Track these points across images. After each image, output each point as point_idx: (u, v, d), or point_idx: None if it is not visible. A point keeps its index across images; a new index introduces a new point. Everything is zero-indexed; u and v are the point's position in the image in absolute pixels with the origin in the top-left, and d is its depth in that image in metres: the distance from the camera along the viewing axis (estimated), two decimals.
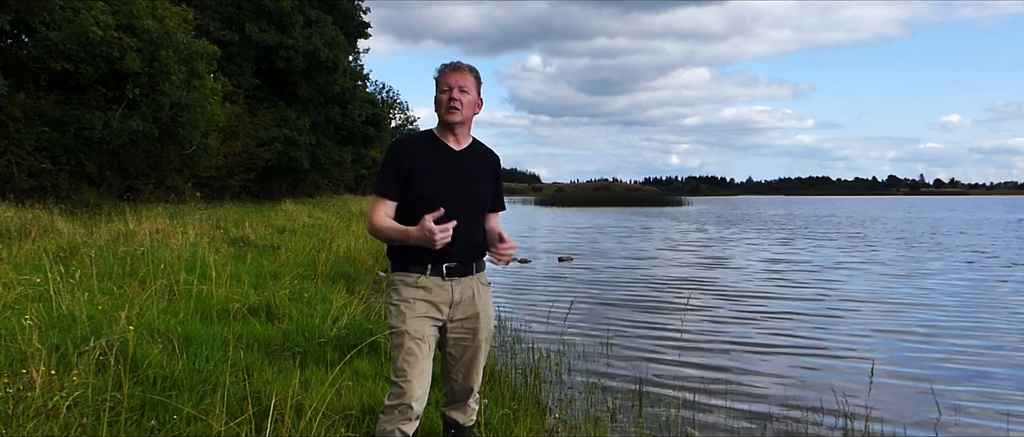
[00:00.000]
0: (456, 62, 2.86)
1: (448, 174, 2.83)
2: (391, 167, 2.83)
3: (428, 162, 2.82)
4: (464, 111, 2.82)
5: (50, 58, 13.09)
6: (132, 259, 7.47)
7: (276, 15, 26.13)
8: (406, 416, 2.73)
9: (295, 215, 19.16)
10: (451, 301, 2.85)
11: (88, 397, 3.29)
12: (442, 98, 2.81)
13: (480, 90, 2.90)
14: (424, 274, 2.80)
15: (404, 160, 2.82)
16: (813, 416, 4.81)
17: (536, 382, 5.09)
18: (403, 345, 2.75)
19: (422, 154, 2.84)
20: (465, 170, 2.87)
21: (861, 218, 41.68)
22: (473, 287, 2.90)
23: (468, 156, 2.91)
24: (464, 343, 2.94)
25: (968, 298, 10.29)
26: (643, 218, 41.49)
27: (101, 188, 15.90)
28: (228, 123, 20.35)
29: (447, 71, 2.83)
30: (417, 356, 2.74)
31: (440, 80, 2.84)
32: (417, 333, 2.76)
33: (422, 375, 2.76)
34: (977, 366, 6.35)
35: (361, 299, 6.92)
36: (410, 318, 2.77)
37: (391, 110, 43.63)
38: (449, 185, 2.81)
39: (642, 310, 9.14)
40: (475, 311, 2.91)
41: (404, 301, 2.80)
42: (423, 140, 2.91)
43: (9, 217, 10.09)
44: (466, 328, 2.92)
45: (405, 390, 2.72)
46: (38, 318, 4.47)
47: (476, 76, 2.86)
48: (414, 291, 2.80)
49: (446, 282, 2.82)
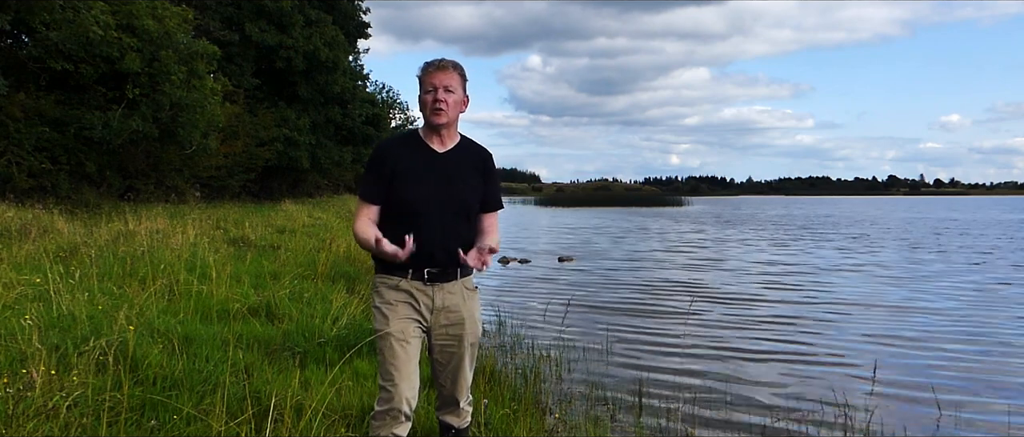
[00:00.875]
0: (440, 60, 2.77)
1: (429, 177, 2.76)
2: (373, 171, 2.80)
3: (409, 165, 2.77)
4: (450, 112, 2.74)
5: (50, 58, 13.07)
6: (132, 259, 7.47)
7: (276, 15, 26.12)
8: (397, 420, 2.70)
9: (295, 215, 19.16)
10: (433, 306, 2.79)
11: (88, 397, 3.28)
12: (427, 99, 2.74)
13: (466, 87, 2.81)
14: (405, 278, 2.76)
15: (386, 163, 2.77)
16: (813, 416, 4.81)
17: (536, 382, 5.09)
18: (388, 348, 2.71)
19: (404, 156, 2.78)
20: (448, 173, 2.79)
21: (861, 219, 41.66)
22: (457, 293, 2.83)
23: (452, 157, 2.83)
24: (450, 349, 2.88)
25: (969, 300, 10.29)
26: (643, 218, 41.48)
27: (101, 188, 15.89)
28: (228, 123, 20.31)
29: (431, 70, 2.74)
30: (403, 358, 2.71)
31: (424, 80, 2.75)
32: (401, 335, 2.72)
33: (410, 377, 2.71)
34: (977, 366, 6.34)
35: (361, 299, 6.91)
36: (393, 320, 2.73)
37: (391, 110, 43.58)
38: (429, 188, 2.75)
39: (642, 310, 9.13)
40: (461, 318, 2.84)
41: (386, 303, 2.76)
42: (406, 142, 2.84)
43: (9, 217, 10.08)
44: (451, 335, 2.86)
45: (393, 394, 2.68)
46: (38, 318, 4.47)
47: (461, 73, 2.77)
48: (396, 294, 2.77)
49: (427, 287, 2.77)
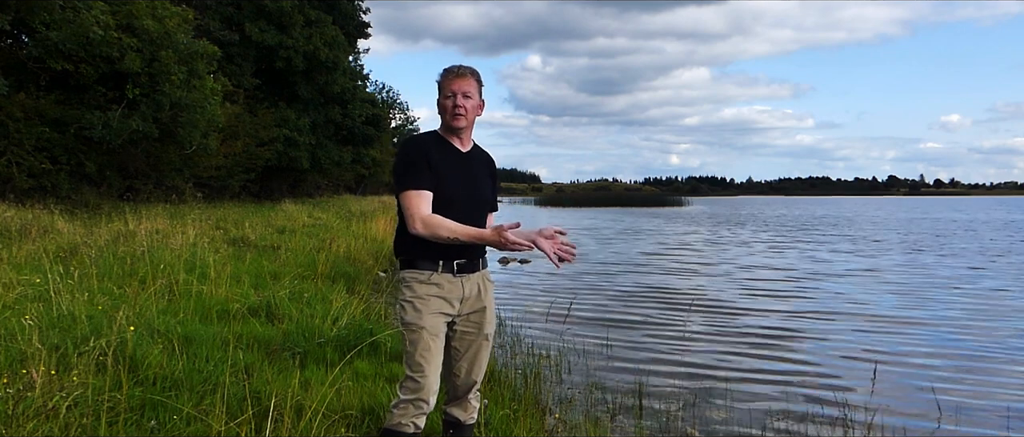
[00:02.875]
0: (458, 67, 2.90)
1: (459, 173, 2.90)
2: (419, 161, 2.85)
3: (442, 161, 2.87)
4: (469, 116, 2.89)
5: (50, 58, 13.08)
6: (132, 259, 7.47)
7: (276, 15, 26.13)
8: (421, 410, 2.82)
9: (295, 215, 19.16)
10: (462, 297, 2.90)
11: (88, 397, 3.28)
12: (446, 104, 2.87)
13: (482, 92, 2.96)
14: (435, 271, 2.85)
15: (428, 155, 2.87)
16: (813, 416, 4.81)
17: (536, 382, 5.10)
18: (420, 340, 2.80)
19: (437, 153, 2.89)
20: (471, 170, 2.96)
21: (862, 219, 41.66)
22: (479, 283, 2.97)
23: (473, 157, 3.00)
24: (470, 337, 2.99)
25: (969, 301, 10.29)
26: (643, 218, 41.48)
27: (101, 188, 15.90)
28: (228, 123, 20.33)
29: (450, 77, 2.88)
30: (434, 351, 2.82)
31: (443, 86, 2.89)
32: (434, 329, 2.83)
33: (437, 370, 2.85)
34: (977, 367, 6.35)
35: (361, 299, 6.91)
36: (426, 314, 2.82)
37: (391, 110, 43.62)
38: (461, 184, 2.89)
39: (642, 310, 9.13)
40: (482, 305, 2.98)
41: (419, 298, 2.84)
42: (434, 140, 2.95)
43: (9, 217, 10.08)
44: (472, 322, 2.98)
45: (422, 385, 2.79)
46: (38, 318, 4.46)
47: (478, 79, 2.92)
48: (428, 288, 2.85)
49: (457, 278, 2.88)
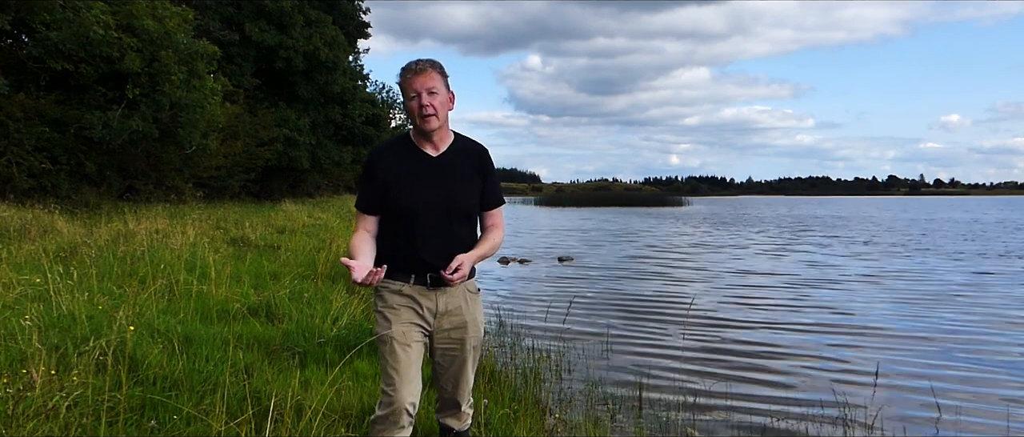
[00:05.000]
0: (417, 63, 2.70)
1: (424, 182, 2.74)
2: (367, 180, 2.78)
3: (402, 171, 2.74)
4: (439, 114, 2.70)
5: (50, 58, 13.07)
6: (132, 259, 7.47)
7: (276, 15, 26.12)
8: (397, 424, 2.68)
9: (295, 215, 19.15)
10: (436, 311, 2.79)
11: (88, 397, 3.28)
12: (413, 106, 2.68)
13: (448, 83, 2.76)
14: (407, 283, 2.76)
15: (378, 171, 2.75)
16: (813, 416, 4.81)
17: (536, 382, 5.09)
18: (390, 351, 2.70)
19: (396, 163, 2.76)
20: (443, 176, 2.76)
21: (862, 219, 41.65)
22: (459, 296, 2.82)
23: (447, 160, 2.79)
24: (452, 353, 2.87)
25: (969, 301, 10.29)
26: (643, 219, 41.47)
27: (101, 188, 15.89)
28: (228, 123, 20.33)
29: (410, 75, 2.68)
30: (404, 361, 2.69)
31: (405, 86, 2.69)
32: (404, 338, 2.72)
33: (412, 381, 2.70)
34: (978, 367, 6.34)
35: (361, 299, 6.92)
36: (396, 323, 2.73)
37: (391, 110, 43.55)
38: (425, 194, 2.73)
39: (643, 310, 9.13)
40: (463, 321, 2.83)
41: (389, 307, 2.76)
42: (398, 147, 2.80)
43: (9, 217, 10.07)
44: (453, 338, 2.85)
45: (394, 398, 2.66)
46: (38, 318, 4.46)
47: (440, 71, 2.71)
48: (399, 298, 2.76)
49: (430, 292, 2.77)
